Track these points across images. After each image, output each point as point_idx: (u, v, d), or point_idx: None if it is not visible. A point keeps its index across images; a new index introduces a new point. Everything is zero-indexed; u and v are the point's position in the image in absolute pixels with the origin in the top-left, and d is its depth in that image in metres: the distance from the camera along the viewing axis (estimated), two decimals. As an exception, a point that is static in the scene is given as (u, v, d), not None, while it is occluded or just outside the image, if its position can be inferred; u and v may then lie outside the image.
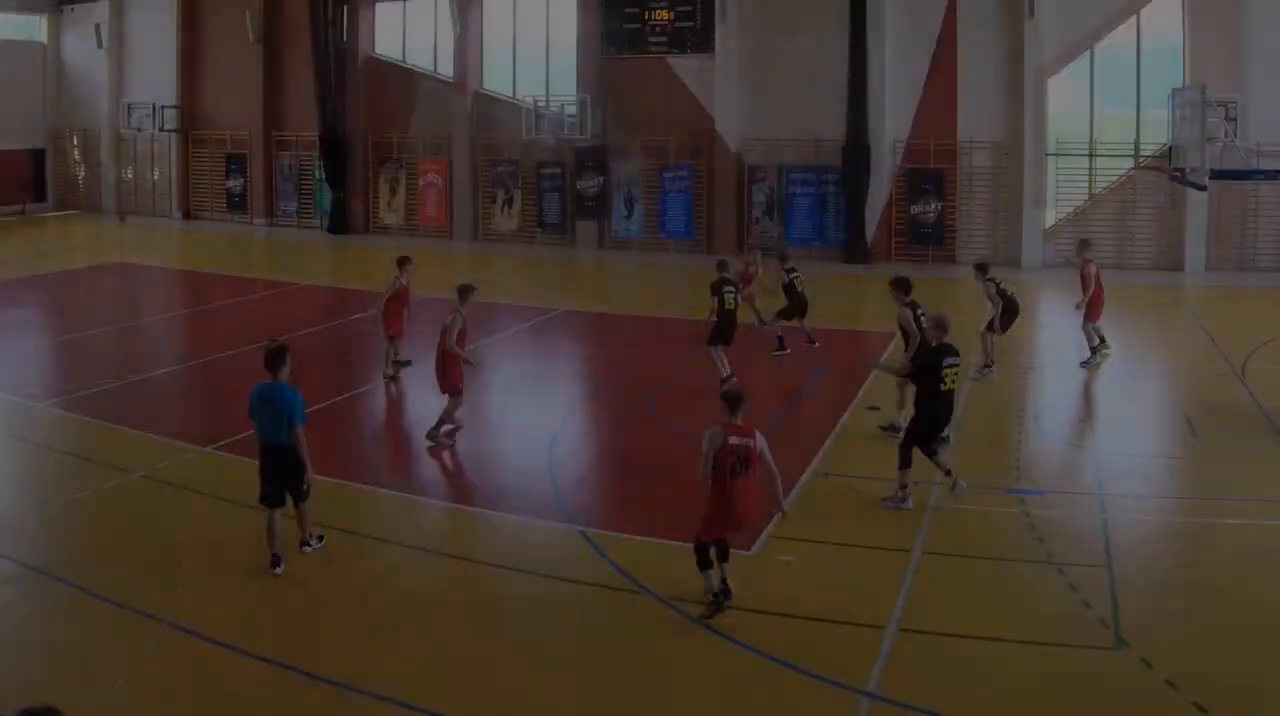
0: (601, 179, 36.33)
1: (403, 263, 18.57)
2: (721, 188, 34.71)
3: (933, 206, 32.76)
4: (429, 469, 14.67)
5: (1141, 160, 30.37)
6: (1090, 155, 31.92)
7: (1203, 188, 20.12)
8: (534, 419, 16.41)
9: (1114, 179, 31.66)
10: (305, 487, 10.93)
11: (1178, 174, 20.23)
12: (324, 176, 40.46)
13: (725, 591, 9.92)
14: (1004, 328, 18.90)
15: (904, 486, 12.41)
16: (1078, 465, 14.71)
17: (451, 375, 14.89)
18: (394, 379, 18.34)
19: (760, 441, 9.87)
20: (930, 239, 32.98)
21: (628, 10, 35.43)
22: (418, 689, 8.59)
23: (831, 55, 32.55)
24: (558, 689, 8.87)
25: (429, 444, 14.75)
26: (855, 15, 32.14)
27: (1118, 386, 19.13)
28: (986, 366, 18.84)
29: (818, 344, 20.84)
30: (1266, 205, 29.85)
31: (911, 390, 13.32)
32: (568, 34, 36.74)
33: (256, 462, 11.08)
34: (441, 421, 15.02)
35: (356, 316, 21.72)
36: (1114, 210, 31.66)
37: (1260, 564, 11.03)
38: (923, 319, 14.96)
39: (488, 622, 10.00)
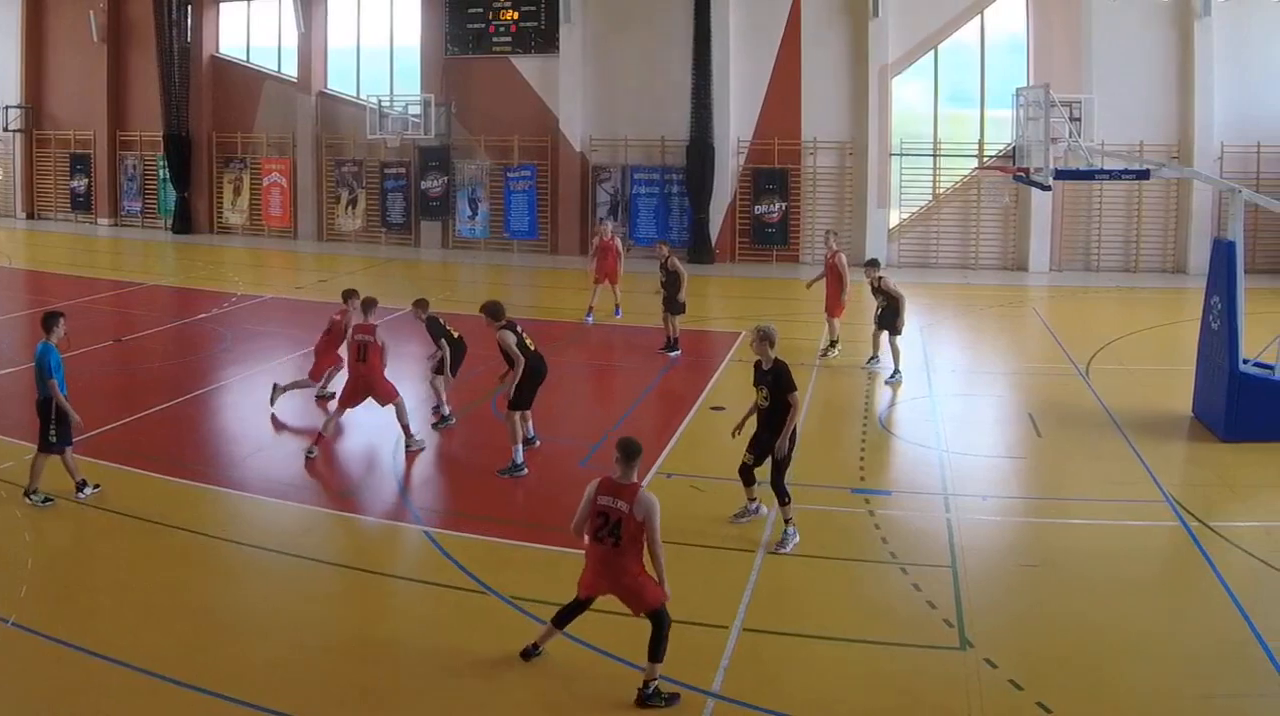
0: (445, 179, 32.49)
1: (349, 296, 15.19)
2: (566, 188, 31.19)
3: (777, 206, 29.64)
4: (275, 468, 13.27)
5: (985, 160, 28.49)
6: (934, 155, 29.38)
7: (1047, 188, 18.03)
8: (380, 419, 14.67)
9: (958, 179, 29.35)
10: (52, 439, 11.27)
11: (1022, 174, 18.17)
12: (168, 176, 36.36)
13: (534, 647, 8.34)
14: (899, 328, 17.05)
15: (753, 499, 11.02)
16: (923, 465, 13.49)
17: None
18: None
19: (644, 507, 7.58)
20: (775, 239, 29.92)
21: (471, 10, 32.22)
22: (263, 689, 7.91)
23: (675, 55, 29.75)
24: (400, 688, 8.13)
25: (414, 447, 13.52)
26: (699, 15, 29.36)
27: (962, 386, 17.50)
28: (896, 370, 17.01)
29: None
30: (1110, 206, 28.03)
31: None
32: (412, 34, 33.39)
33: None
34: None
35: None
36: (958, 210, 29.36)
37: (1103, 563, 10.31)
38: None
39: (331, 622, 9.21)
